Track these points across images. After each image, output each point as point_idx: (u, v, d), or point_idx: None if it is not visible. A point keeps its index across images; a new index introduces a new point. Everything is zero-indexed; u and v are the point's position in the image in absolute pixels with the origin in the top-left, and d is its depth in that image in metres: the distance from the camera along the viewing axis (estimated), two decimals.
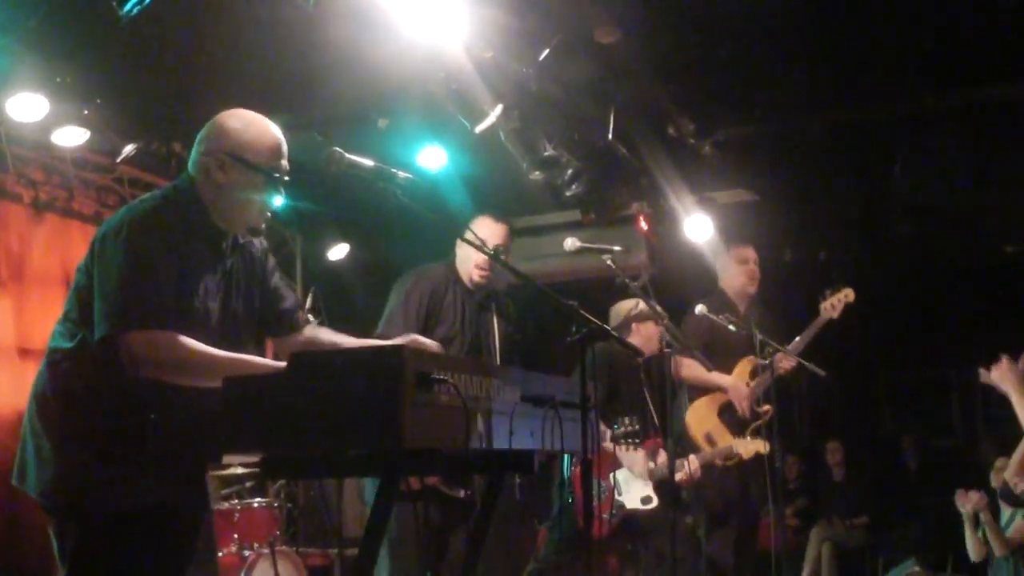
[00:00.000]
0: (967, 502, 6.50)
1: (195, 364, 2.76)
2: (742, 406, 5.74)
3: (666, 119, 6.71)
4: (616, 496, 5.37)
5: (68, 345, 2.89)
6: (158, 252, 2.81)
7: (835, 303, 5.89)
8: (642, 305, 5.49)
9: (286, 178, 3.05)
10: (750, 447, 5.60)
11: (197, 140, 3.05)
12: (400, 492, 3.50)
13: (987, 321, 9.27)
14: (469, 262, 4.74)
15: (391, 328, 4.41)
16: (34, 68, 5.41)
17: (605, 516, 5.22)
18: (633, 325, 5.69)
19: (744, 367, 5.81)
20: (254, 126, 3.05)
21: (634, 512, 5.41)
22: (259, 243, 3.25)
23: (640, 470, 5.47)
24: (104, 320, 2.74)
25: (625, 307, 5.75)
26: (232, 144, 2.99)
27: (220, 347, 2.87)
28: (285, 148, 3.09)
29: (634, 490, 5.42)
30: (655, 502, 5.41)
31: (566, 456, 5.01)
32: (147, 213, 2.89)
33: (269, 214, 3.10)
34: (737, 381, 5.77)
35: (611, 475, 5.30)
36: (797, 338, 5.83)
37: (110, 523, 2.80)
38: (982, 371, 4.69)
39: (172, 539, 2.98)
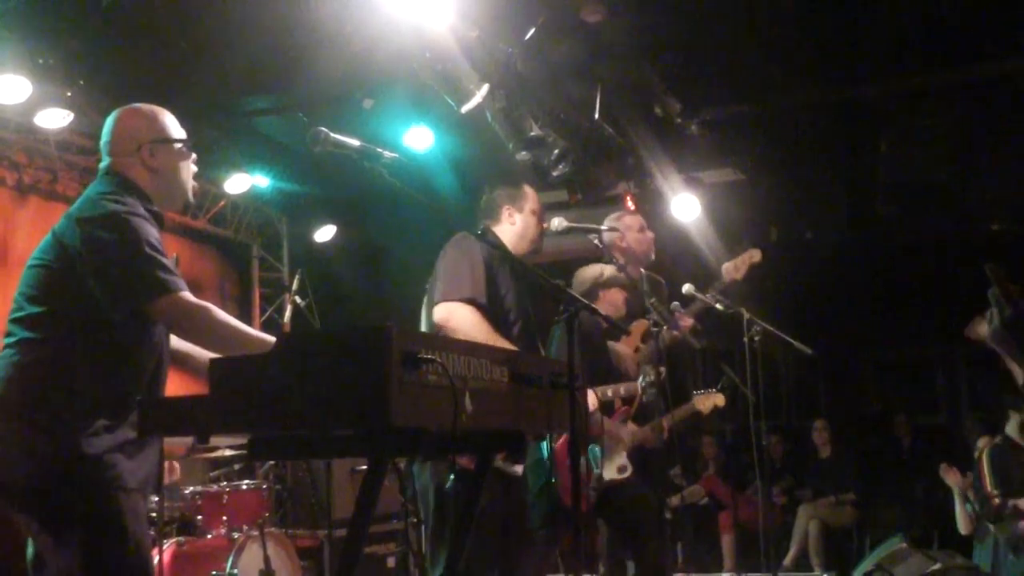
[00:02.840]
0: (949, 476, 6.58)
1: (227, 334, 2.92)
2: (627, 367, 5.55)
3: (652, 99, 6.71)
4: (594, 470, 5.35)
5: (40, 335, 2.96)
6: (151, 232, 3.00)
7: (739, 264, 5.69)
8: (608, 271, 5.42)
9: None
10: (707, 402, 5.54)
11: (109, 143, 3.25)
12: (463, 472, 3.49)
13: (972, 299, 9.32)
14: (533, 233, 4.42)
15: (461, 286, 4.00)
16: (16, 50, 5.38)
17: (585, 492, 5.16)
18: (600, 292, 5.63)
19: (638, 329, 5.67)
20: (155, 112, 3.30)
21: (612, 483, 5.40)
22: None
23: (625, 440, 5.44)
24: (131, 293, 2.90)
25: (591, 273, 5.64)
26: (152, 132, 3.23)
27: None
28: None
29: (610, 461, 5.41)
30: (629, 470, 5.40)
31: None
32: (120, 203, 3.04)
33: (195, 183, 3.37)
34: (624, 344, 5.58)
35: (590, 448, 5.25)
36: (698, 296, 5.53)
37: (107, 496, 2.86)
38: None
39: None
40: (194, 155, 3.33)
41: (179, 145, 3.26)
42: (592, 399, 4.93)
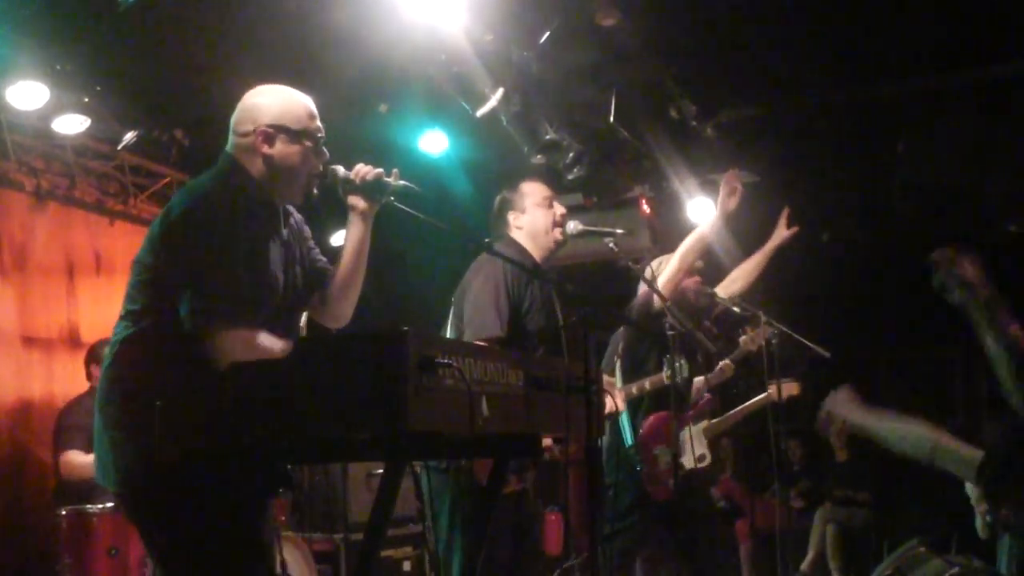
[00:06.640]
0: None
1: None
2: None
3: (667, 101, 6.69)
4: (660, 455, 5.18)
5: (130, 332, 2.91)
6: (229, 235, 2.86)
7: (755, 337, 5.72)
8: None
9: (322, 137, 3.15)
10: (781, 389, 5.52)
11: (233, 123, 3.13)
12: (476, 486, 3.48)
13: None
14: (544, 225, 4.25)
15: (486, 325, 3.93)
16: (34, 56, 5.41)
17: (670, 482, 4.99)
18: None
19: None
20: (283, 95, 3.14)
21: (692, 472, 5.26)
22: (296, 213, 3.31)
23: (702, 428, 5.37)
24: (192, 315, 2.78)
25: None
26: (271, 117, 3.07)
27: (285, 314, 3.02)
28: (315, 109, 3.17)
29: (690, 449, 5.24)
30: (708, 459, 5.30)
31: (624, 418, 4.86)
32: (207, 197, 2.95)
33: (319, 178, 3.18)
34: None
35: (679, 434, 5.02)
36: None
37: (205, 476, 2.74)
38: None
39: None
40: (317, 153, 3.14)
41: (300, 135, 3.09)
42: (620, 399, 4.84)
